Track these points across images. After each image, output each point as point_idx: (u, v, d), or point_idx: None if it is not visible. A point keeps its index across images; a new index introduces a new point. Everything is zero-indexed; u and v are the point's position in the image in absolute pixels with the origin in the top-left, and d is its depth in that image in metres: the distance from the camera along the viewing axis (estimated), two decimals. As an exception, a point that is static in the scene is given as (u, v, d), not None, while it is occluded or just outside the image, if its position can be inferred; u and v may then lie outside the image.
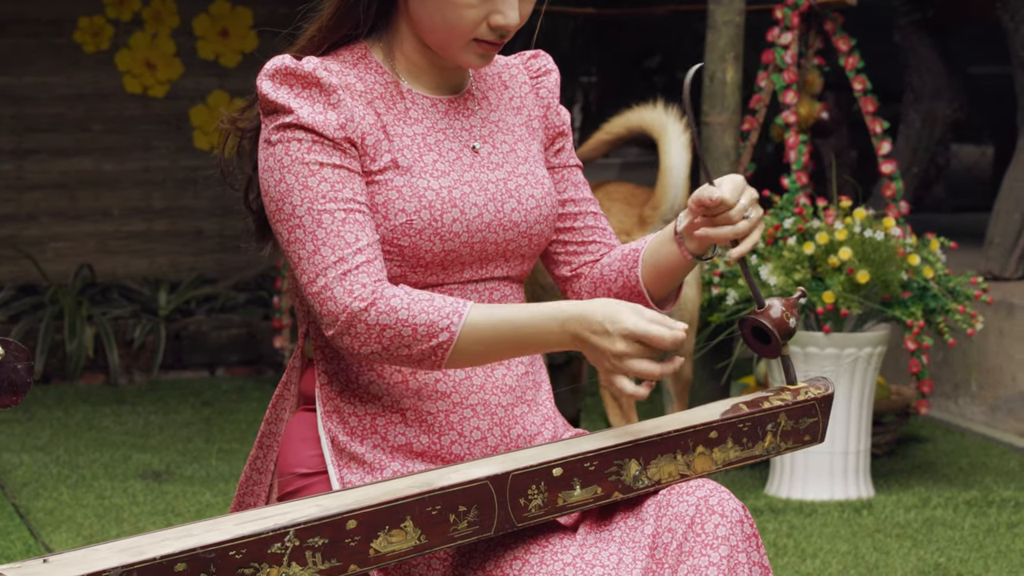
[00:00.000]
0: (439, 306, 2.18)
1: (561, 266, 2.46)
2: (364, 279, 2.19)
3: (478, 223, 2.29)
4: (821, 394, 2.32)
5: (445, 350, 2.17)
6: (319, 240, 2.20)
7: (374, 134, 2.27)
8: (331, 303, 2.19)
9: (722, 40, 5.18)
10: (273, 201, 2.23)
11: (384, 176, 2.26)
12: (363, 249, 2.20)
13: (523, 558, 2.19)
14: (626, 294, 2.39)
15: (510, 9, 2.26)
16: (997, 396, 5.67)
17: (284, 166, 2.22)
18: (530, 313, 2.18)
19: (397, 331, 2.17)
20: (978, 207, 8.23)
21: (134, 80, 7.05)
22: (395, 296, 2.18)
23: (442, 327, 2.16)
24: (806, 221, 4.81)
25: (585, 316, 2.15)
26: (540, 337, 2.18)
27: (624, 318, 2.12)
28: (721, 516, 2.14)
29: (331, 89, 2.25)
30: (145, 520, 4.52)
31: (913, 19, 7.10)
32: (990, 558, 4.19)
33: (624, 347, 2.12)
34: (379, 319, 2.17)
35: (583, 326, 2.15)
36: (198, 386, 6.48)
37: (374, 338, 2.18)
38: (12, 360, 1.89)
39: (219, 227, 7.13)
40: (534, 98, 2.45)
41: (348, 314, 2.18)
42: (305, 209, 2.21)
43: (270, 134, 2.24)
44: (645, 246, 2.39)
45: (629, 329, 2.11)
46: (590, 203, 2.46)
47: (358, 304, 2.17)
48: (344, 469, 2.29)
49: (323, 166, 2.22)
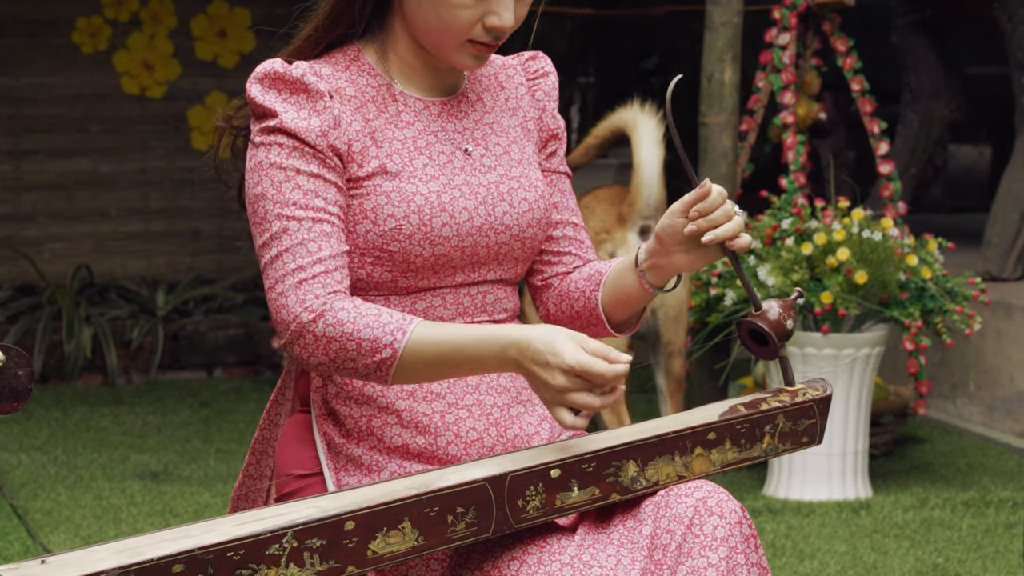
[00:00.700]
0: (384, 322, 2.17)
1: (534, 274, 2.46)
2: (318, 290, 2.19)
3: (468, 227, 2.28)
4: (819, 395, 2.32)
5: (389, 366, 2.16)
6: (283, 246, 2.20)
7: (361, 140, 2.27)
8: (284, 311, 2.19)
9: (720, 41, 5.18)
10: (250, 203, 2.25)
11: (372, 182, 2.26)
12: (324, 260, 2.20)
13: (521, 559, 2.19)
14: (586, 314, 2.39)
15: (505, 10, 2.26)
16: (995, 396, 5.67)
17: (263, 169, 2.23)
18: (474, 335, 2.16)
19: (342, 344, 2.17)
20: (976, 207, 8.24)
21: (132, 81, 7.05)
22: (343, 309, 2.18)
23: (385, 343, 2.16)
24: (804, 222, 4.81)
25: (527, 344, 2.12)
26: (480, 360, 2.16)
27: (565, 352, 2.09)
28: (720, 517, 2.14)
29: (318, 95, 2.24)
30: (143, 521, 4.51)
31: (911, 20, 7.10)
32: (988, 558, 4.19)
33: (564, 381, 2.09)
34: (326, 331, 2.17)
35: (524, 355, 2.12)
36: (196, 386, 6.48)
37: (321, 350, 2.18)
38: (13, 366, 1.89)
39: (217, 227, 7.13)
40: (530, 100, 2.44)
41: (297, 324, 2.18)
42: (275, 214, 2.21)
43: (255, 136, 2.25)
44: (608, 271, 2.38)
45: (569, 364, 2.08)
46: (572, 213, 2.45)
47: (307, 315, 2.18)
48: (341, 472, 2.29)
49: (299, 173, 2.22)
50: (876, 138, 5.25)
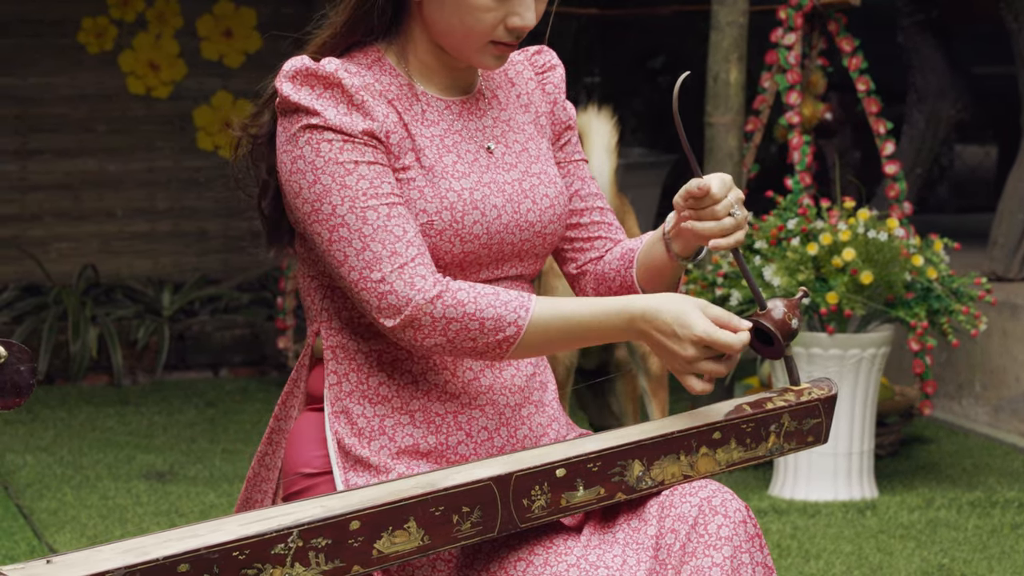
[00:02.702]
0: (505, 300, 2.20)
1: (568, 263, 2.47)
2: (423, 271, 2.20)
3: (497, 224, 2.29)
4: (825, 395, 2.32)
5: (511, 343, 2.19)
6: (367, 236, 2.20)
7: (398, 132, 2.27)
8: (392, 296, 2.19)
9: (726, 41, 5.18)
10: (308, 202, 2.23)
11: (407, 175, 2.27)
12: (412, 241, 2.21)
13: (527, 559, 2.19)
14: (624, 293, 2.40)
15: (527, 10, 2.27)
16: (1001, 397, 5.66)
17: (317, 168, 2.22)
18: (597, 308, 2.21)
19: (464, 324, 2.18)
20: (982, 208, 8.22)
21: (138, 81, 7.05)
22: (461, 289, 2.20)
23: (509, 321, 2.18)
24: (810, 222, 4.81)
25: (655, 314, 2.18)
26: (606, 332, 2.22)
27: (693, 322, 2.16)
28: (724, 517, 2.14)
29: (353, 90, 2.25)
30: (149, 521, 4.52)
31: (917, 19, 7.09)
32: (994, 559, 4.19)
33: (694, 352, 2.17)
34: (446, 312, 2.18)
35: (652, 326, 2.19)
36: (202, 387, 6.48)
37: (439, 331, 2.19)
38: (15, 361, 1.90)
39: (223, 227, 7.13)
40: (540, 94, 2.45)
41: (413, 307, 2.18)
42: (347, 208, 2.21)
43: (296, 135, 2.24)
44: (640, 246, 2.39)
45: (698, 335, 2.16)
46: (596, 198, 2.46)
47: (422, 296, 2.18)
48: (350, 472, 2.28)
49: (358, 164, 2.22)
50: (882, 138, 5.24)
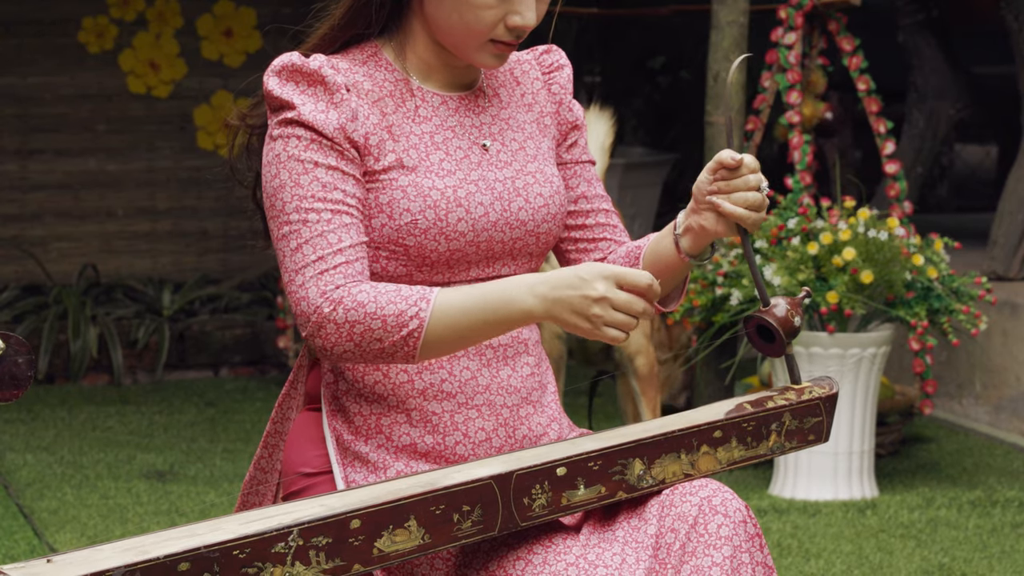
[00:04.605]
0: (406, 295, 2.17)
1: (572, 264, 2.46)
2: (338, 279, 2.19)
3: (484, 222, 2.29)
4: (825, 393, 2.32)
5: (416, 338, 2.16)
6: (303, 238, 2.20)
7: (378, 134, 2.27)
8: (304, 303, 2.19)
9: (726, 40, 5.18)
10: (267, 196, 2.24)
11: (388, 176, 2.26)
12: (344, 250, 2.20)
13: (526, 558, 2.19)
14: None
15: (528, 10, 2.26)
16: (1001, 396, 5.67)
17: (281, 162, 2.23)
18: (497, 284, 2.18)
19: (367, 325, 2.17)
20: (982, 207, 8.22)
21: (138, 80, 7.05)
22: (361, 291, 2.18)
23: (411, 315, 2.16)
24: (810, 221, 4.81)
25: (555, 276, 2.16)
26: (511, 307, 2.17)
27: (596, 266, 2.14)
28: (724, 516, 2.14)
29: (335, 88, 2.25)
30: (149, 520, 4.52)
31: (917, 19, 7.09)
32: (994, 558, 4.19)
33: (604, 287, 2.13)
34: (347, 315, 2.17)
35: (553, 286, 2.15)
36: (202, 386, 6.48)
37: (344, 336, 2.17)
38: (13, 354, 1.90)
39: (223, 227, 7.13)
40: (546, 94, 2.44)
41: (318, 314, 2.18)
42: (294, 207, 2.21)
43: (273, 129, 2.25)
44: (647, 244, 2.39)
45: (604, 271, 2.13)
46: (602, 200, 2.46)
47: (327, 304, 2.18)
48: (348, 468, 2.28)
49: (317, 165, 2.22)
50: (882, 137, 5.24)
